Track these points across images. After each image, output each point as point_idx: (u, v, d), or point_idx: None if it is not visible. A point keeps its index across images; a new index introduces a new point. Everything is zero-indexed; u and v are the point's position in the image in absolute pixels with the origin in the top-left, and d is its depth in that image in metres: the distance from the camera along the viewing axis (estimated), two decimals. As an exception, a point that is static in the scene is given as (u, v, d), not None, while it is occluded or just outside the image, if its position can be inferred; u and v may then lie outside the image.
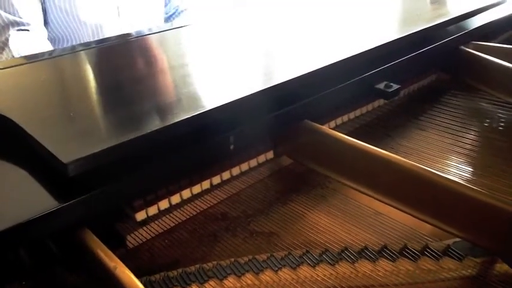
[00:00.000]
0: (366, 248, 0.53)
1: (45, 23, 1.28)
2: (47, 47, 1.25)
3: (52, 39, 1.30)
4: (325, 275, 0.50)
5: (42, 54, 0.75)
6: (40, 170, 0.46)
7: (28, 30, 1.22)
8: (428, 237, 0.55)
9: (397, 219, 0.57)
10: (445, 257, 0.52)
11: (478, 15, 0.93)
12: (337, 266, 0.51)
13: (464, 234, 0.51)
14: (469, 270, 0.50)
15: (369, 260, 0.51)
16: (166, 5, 1.53)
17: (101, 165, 0.44)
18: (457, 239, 0.54)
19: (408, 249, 0.53)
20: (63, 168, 0.42)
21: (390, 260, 0.51)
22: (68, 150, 0.44)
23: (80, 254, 0.46)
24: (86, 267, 0.47)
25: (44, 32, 1.27)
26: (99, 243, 0.44)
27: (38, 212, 0.41)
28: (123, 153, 0.45)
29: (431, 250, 0.52)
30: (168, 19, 1.54)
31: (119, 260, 0.41)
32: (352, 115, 0.78)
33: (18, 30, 1.21)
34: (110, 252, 0.43)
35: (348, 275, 0.50)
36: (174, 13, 1.55)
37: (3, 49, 1.22)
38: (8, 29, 1.21)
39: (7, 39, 1.21)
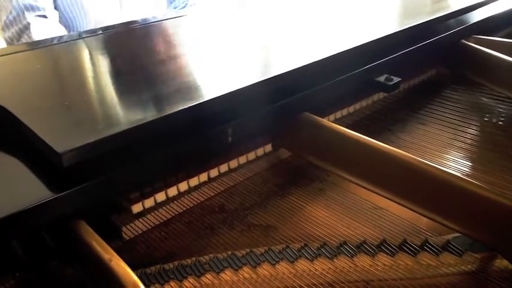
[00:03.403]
0: (364, 242, 0.53)
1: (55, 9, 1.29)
2: (63, 32, 1.25)
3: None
4: (323, 269, 0.49)
5: (38, 42, 0.74)
6: (34, 160, 0.45)
7: (45, 15, 1.22)
8: (428, 232, 0.54)
9: (397, 214, 0.57)
10: (445, 252, 0.51)
11: (480, 8, 0.92)
12: (335, 260, 0.50)
13: (463, 229, 0.51)
14: (469, 266, 0.50)
15: (368, 255, 0.51)
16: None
17: (96, 155, 0.43)
18: (457, 234, 0.53)
19: (407, 243, 0.52)
20: (58, 158, 0.41)
21: (389, 255, 0.51)
22: (62, 140, 0.43)
23: (74, 246, 0.45)
24: (80, 259, 0.46)
25: (57, 16, 1.27)
26: (94, 234, 0.43)
27: (32, 202, 0.40)
28: (118, 144, 0.44)
29: (431, 245, 0.52)
30: None
31: (114, 252, 0.41)
32: (351, 108, 0.78)
33: (36, 16, 1.21)
34: (105, 244, 0.42)
35: (346, 269, 0.49)
36: (183, 8, 1.54)
37: (20, 36, 1.21)
38: (24, 14, 1.20)
39: (25, 26, 1.20)
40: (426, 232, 0.54)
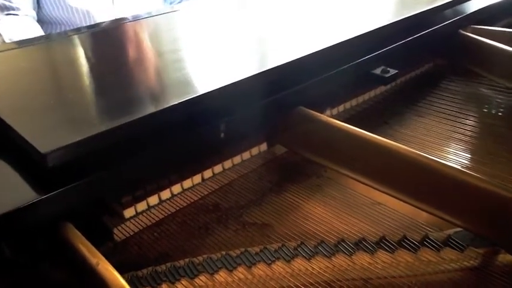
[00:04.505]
0: (363, 239, 0.51)
1: (38, 6, 1.28)
2: (38, 31, 1.23)
3: (46, 23, 1.29)
4: (320, 268, 0.48)
5: (22, 41, 0.73)
6: (19, 161, 0.44)
7: (17, 14, 1.21)
8: (428, 227, 0.53)
9: (396, 209, 0.55)
10: (446, 248, 0.50)
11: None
12: (333, 258, 0.49)
13: (464, 223, 0.50)
14: (471, 261, 0.49)
15: (367, 252, 0.50)
16: None
17: (81, 155, 0.41)
18: (458, 229, 0.52)
19: (407, 240, 0.51)
20: (42, 159, 0.40)
21: (389, 252, 0.50)
22: (46, 140, 0.42)
23: (62, 249, 0.43)
24: (68, 263, 0.44)
25: (34, 15, 1.26)
26: (82, 238, 0.42)
27: (16, 204, 0.39)
28: (104, 143, 0.43)
29: (432, 241, 0.51)
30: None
31: (101, 256, 0.39)
32: (347, 102, 0.76)
33: (7, 14, 1.20)
34: (92, 248, 0.40)
35: (344, 267, 0.48)
36: (179, 3, 1.53)
37: None
38: None
39: None
40: (426, 227, 0.53)
